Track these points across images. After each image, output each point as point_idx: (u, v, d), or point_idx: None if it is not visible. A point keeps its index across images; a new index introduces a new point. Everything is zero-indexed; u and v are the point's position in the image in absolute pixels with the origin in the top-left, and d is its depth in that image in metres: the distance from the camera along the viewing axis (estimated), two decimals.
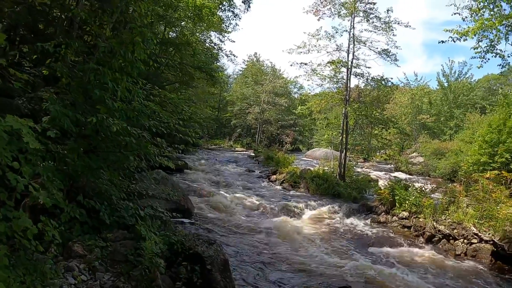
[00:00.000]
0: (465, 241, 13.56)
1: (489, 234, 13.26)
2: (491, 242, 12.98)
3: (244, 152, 51.20)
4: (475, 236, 13.43)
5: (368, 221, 17.17)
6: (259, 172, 30.19)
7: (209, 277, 7.28)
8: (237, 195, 19.71)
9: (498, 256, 12.67)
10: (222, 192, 19.65)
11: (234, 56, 35.37)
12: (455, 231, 14.00)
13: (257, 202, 18.75)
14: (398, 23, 24.96)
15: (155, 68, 20.68)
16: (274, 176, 27.34)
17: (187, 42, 25.83)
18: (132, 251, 6.66)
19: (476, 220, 14.04)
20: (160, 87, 8.71)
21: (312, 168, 27.40)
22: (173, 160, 9.72)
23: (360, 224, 16.66)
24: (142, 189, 9.34)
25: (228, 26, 32.81)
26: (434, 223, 14.64)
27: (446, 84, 63.63)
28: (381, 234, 15.28)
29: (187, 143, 11.08)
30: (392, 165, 45.31)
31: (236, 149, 58.22)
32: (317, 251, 12.45)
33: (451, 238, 13.93)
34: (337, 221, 16.92)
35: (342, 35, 25.78)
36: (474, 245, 13.26)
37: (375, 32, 25.36)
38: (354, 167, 30.42)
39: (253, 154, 44.13)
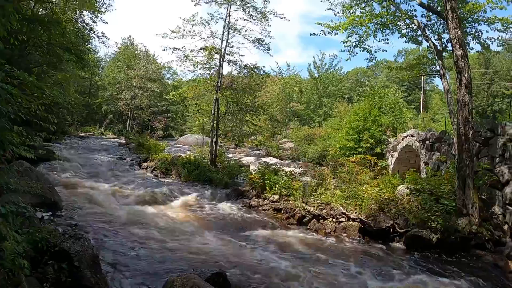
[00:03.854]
0: (334, 220, 14.32)
1: (356, 212, 14.11)
2: (358, 220, 13.85)
3: (116, 140, 49.48)
4: (343, 215, 14.21)
5: (240, 206, 17.40)
6: (131, 160, 29.39)
7: (78, 274, 6.81)
8: (108, 184, 19.02)
9: (366, 232, 13.64)
10: (92, 182, 18.81)
11: (106, 38, 33.79)
12: (324, 211, 14.68)
13: (128, 191, 18.28)
14: (274, 14, 25.66)
15: (19, 48, 18.97)
16: (146, 163, 26.88)
17: (57, 20, 24.00)
18: None
19: (343, 200, 14.88)
20: (25, 69, 7.90)
21: (183, 155, 27.25)
22: (38, 149, 8.94)
23: (232, 208, 16.81)
24: (2, 183, 8.50)
25: (102, 6, 31.14)
26: (304, 205, 15.23)
27: (316, 75, 67.09)
28: (253, 217, 15.57)
29: (54, 131, 10.27)
30: (264, 151, 46.40)
31: (108, 136, 56.02)
32: (190, 238, 12.34)
33: (320, 218, 14.59)
34: (209, 207, 16.95)
35: (217, 22, 25.85)
36: (342, 223, 14.05)
37: (250, 21, 25.75)
38: (226, 153, 30.83)
39: (125, 142, 42.97)
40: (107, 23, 41.16)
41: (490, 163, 15.22)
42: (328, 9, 18.39)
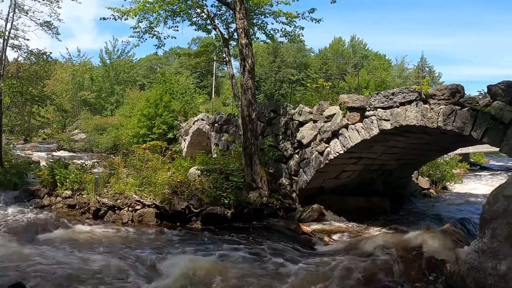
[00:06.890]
0: (130, 209, 14.06)
1: (150, 198, 14.13)
2: (153, 206, 13.86)
3: None
4: (138, 203, 14.06)
5: (32, 207, 16.04)
6: None
7: None
8: None
9: (162, 216, 13.68)
10: None
11: None
12: (119, 201, 14.36)
13: None
14: None
15: None
16: None
17: None
18: None
19: (137, 188, 14.73)
20: None
21: None
22: None
23: (23, 212, 15.32)
24: None
25: None
26: (98, 197, 14.70)
27: (108, 62, 65.22)
28: (47, 218, 14.46)
29: None
30: (55, 144, 44.11)
31: None
32: None
33: (116, 208, 14.23)
34: None
35: (3, 1, 22.83)
36: (139, 211, 13.88)
37: (39, 1, 23.61)
38: (13, 150, 28.56)
39: None
40: None
41: (274, 140, 16.67)
42: None
